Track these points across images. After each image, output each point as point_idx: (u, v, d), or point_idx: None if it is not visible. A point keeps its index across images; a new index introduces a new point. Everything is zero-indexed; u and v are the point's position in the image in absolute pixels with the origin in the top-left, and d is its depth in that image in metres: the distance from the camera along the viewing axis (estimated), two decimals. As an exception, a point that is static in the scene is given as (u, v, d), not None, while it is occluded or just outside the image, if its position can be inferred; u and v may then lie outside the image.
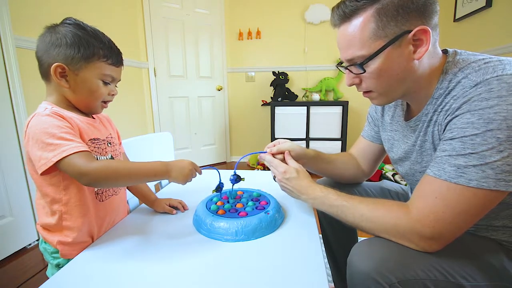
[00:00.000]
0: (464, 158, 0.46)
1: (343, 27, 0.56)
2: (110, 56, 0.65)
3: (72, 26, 0.62)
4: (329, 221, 0.91)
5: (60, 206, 0.62)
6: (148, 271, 0.54)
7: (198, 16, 2.79)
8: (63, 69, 0.61)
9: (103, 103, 0.69)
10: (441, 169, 0.49)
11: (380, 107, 0.79)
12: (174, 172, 0.65)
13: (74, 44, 0.61)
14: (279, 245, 0.63)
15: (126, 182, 0.66)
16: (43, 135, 0.56)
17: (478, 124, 0.45)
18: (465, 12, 2.13)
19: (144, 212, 0.82)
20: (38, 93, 1.51)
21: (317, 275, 0.51)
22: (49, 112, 0.60)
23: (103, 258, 0.59)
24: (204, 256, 0.59)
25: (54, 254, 0.65)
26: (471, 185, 0.45)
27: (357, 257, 0.53)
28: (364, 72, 0.57)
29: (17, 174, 1.41)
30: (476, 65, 0.50)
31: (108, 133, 0.74)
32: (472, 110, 0.46)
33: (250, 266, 0.55)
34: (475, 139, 0.45)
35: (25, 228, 1.46)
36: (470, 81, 0.49)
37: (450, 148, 0.49)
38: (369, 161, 0.87)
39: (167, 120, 2.74)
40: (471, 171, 0.46)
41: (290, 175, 0.69)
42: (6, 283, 1.18)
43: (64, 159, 0.55)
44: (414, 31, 0.51)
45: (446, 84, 0.54)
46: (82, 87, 0.64)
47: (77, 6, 1.75)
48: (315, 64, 2.91)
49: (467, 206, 0.47)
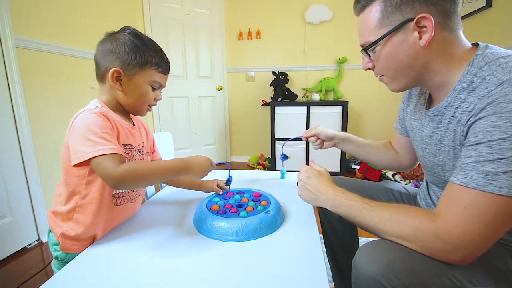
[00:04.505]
0: (493, 164, 0.44)
1: (361, 16, 0.61)
2: (160, 65, 0.70)
3: (130, 34, 0.68)
4: (330, 221, 0.91)
5: (77, 198, 0.65)
6: (148, 271, 0.54)
7: (198, 16, 2.79)
8: (119, 73, 0.66)
9: (148, 107, 0.75)
10: (468, 177, 0.47)
11: (407, 97, 0.79)
12: (194, 168, 0.69)
13: (132, 52, 0.66)
14: (280, 245, 0.63)
15: (151, 182, 0.68)
16: (86, 130, 0.60)
17: (505, 127, 0.43)
18: (465, 12, 2.13)
19: (144, 212, 0.82)
20: (38, 93, 1.51)
21: (318, 275, 0.51)
22: (97, 111, 0.63)
23: (103, 258, 0.59)
24: (204, 256, 0.59)
25: (55, 246, 0.67)
26: (501, 193, 0.43)
27: (363, 260, 0.51)
28: (370, 57, 0.61)
29: (17, 174, 1.41)
30: (504, 60, 0.48)
31: (141, 141, 0.77)
32: (498, 113, 0.44)
33: (250, 266, 0.55)
34: (503, 143, 0.43)
35: (25, 228, 1.46)
36: (495, 79, 0.47)
37: (477, 153, 0.46)
38: (405, 153, 0.87)
39: (167, 120, 2.74)
40: (501, 178, 0.43)
41: (312, 174, 0.71)
42: (6, 283, 1.18)
43: (97, 158, 0.58)
44: (416, 18, 0.52)
45: (470, 78, 0.51)
46: (133, 91, 0.69)
47: (77, 6, 1.75)
48: (315, 64, 2.91)
49: (497, 216, 0.44)
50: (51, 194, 1.55)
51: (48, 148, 1.55)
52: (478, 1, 1.97)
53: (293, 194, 0.92)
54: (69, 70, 1.70)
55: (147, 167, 0.64)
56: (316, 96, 2.77)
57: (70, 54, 1.69)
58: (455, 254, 0.47)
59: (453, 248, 0.47)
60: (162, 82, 0.73)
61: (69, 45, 1.69)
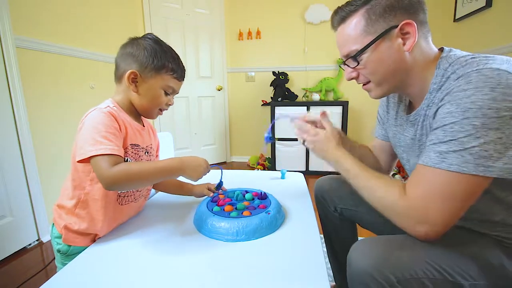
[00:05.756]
0: (445, 145, 0.49)
1: (340, 28, 0.64)
2: (176, 71, 0.73)
3: (151, 40, 0.72)
4: (329, 218, 0.92)
5: (81, 193, 0.66)
6: (148, 270, 0.54)
7: (198, 16, 2.79)
8: (136, 75, 0.69)
9: (159, 111, 0.76)
10: (427, 157, 0.52)
11: (385, 104, 0.82)
12: (188, 170, 0.69)
13: (150, 56, 0.69)
14: (280, 245, 0.63)
15: (145, 182, 0.68)
16: (92, 128, 0.62)
17: (456, 113, 0.48)
18: (465, 12, 2.13)
19: (145, 212, 0.82)
20: (38, 93, 1.51)
21: (318, 275, 0.51)
22: (106, 111, 0.65)
23: (103, 258, 0.59)
24: (204, 256, 0.59)
25: (57, 239, 0.68)
26: (451, 169, 0.48)
27: (357, 255, 0.54)
28: (358, 65, 0.63)
29: (17, 174, 1.41)
30: (464, 59, 0.53)
31: (150, 143, 0.79)
32: (452, 101, 0.49)
33: (251, 266, 0.55)
34: (454, 126, 0.48)
35: (25, 228, 1.46)
36: (455, 75, 0.52)
37: (434, 137, 0.52)
38: (384, 159, 0.89)
39: (167, 120, 2.74)
40: (451, 156, 0.48)
41: (319, 137, 0.72)
42: (6, 283, 1.18)
43: (95, 157, 0.59)
44: (400, 25, 0.56)
45: (439, 79, 0.56)
46: (147, 93, 0.72)
47: (77, 6, 1.75)
48: (315, 64, 2.91)
49: (452, 191, 0.49)
50: (51, 194, 1.55)
51: (48, 148, 1.55)
52: (478, 1, 1.97)
53: (294, 194, 0.92)
54: (69, 70, 1.70)
55: (139, 167, 0.63)
56: (316, 96, 2.76)
57: (70, 54, 1.69)
58: (419, 228, 0.51)
59: (416, 222, 0.51)
60: (176, 87, 0.76)
61: (69, 45, 1.68)
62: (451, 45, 0.62)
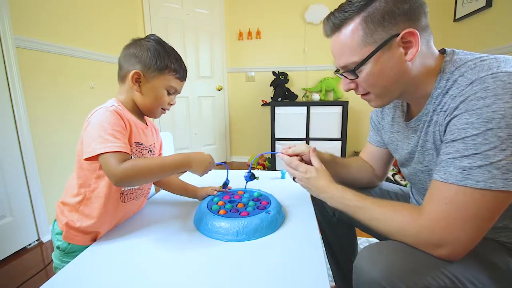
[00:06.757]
0: (468, 159, 0.46)
1: (335, 37, 0.59)
2: (178, 71, 0.74)
3: (154, 41, 0.72)
4: (327, 219, 0.91)
5: (86, 191, 0.67)
6: (148, 270, 0.54)
7: (198, 16, 2.79)
8: (139, 75, 0.70)
9: (162, 110, 0.77)
10: (447, 173, 0.48)
11: (379, 110, 0.80)
12: (195, 164, 0.70)
13: (153, 57, 0.70)
14: (280, 245, 0.63)
15: (153, 177, 0.69)
16: (99, 127, 0.62)
17: (477, 124, 0.45)
18: (465, 12, 2.13)
19: (145, 212, 0.82)
20: (38, 93, 1.51)
21: (318, 275, 0.51)
22: (112, 109, 0.66)
23: (103, 257, 0.59)
24: (205, 256, 0.59)
25: (58, 235, 0.69)
26: (479, 186, 0.44)
27: (365, 262, 0.51)
28: (357, 78, 0.59)
29: (17, 174, 1.41)
30: (472, 63, 0.50)
31: (153, 142, 0.80)
32: (470, 110, 0.46)
33: (251, 266, 0.55)
34: (476, 139, 0.45)
35: (25, 228, 1.46)
36: (466, 79, 0.49)
37: (453, 150, 0.48)
38: (380, 165, 0.87)
39: (167, 120, 2.74)
40: (476, 172, 0.45)
41: (311, 174, 0.70)
42: (6, 283, 1.18)
43: (104, 154, 0.60)
44: (401, 34, 0.52)
45: (444, 83, 0.54)
46: (150, 93, 0.73)
47: (77, 6, 1.75)
48: (315, 64, 2.91)
49: (477, 210, 0.45)
50: (51, 194, 1.55)
51: (48, 148, 1.55)
52: (478, 1, 1.97)
53: (294, 194, 0.92)
54: (69, 70, 1.70)
55: (147, 163, 0.65)
56: (316, 96, 2.76)
57: (70, 54, 1.69)
58: (441, 249, 0.48)
59: (437, 244, 0.48)
60: (178, 88, 0.77)
61: (69, 45, 1.68)
62: (451, 45, 0.62)
